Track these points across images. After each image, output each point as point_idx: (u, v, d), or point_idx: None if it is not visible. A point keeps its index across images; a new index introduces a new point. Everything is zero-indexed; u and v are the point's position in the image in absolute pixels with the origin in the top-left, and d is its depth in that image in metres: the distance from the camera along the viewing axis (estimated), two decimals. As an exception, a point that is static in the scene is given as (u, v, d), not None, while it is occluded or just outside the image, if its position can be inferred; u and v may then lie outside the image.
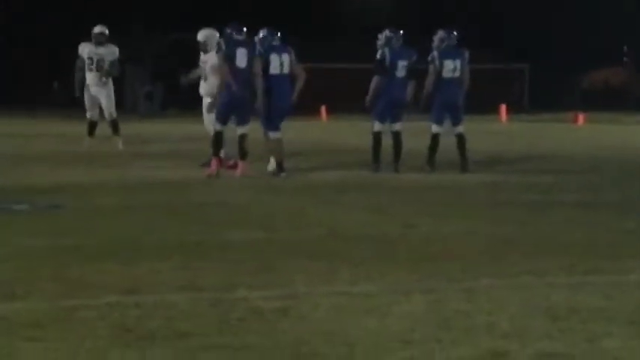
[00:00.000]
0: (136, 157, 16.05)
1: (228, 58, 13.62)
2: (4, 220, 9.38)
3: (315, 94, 37.65)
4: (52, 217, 9.67)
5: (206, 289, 6.32)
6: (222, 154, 13.84)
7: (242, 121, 13.77)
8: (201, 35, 14.87)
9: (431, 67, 14.64)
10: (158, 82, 39.71)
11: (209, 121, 14.42)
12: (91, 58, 17.75)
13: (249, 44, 13.90)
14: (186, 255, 7.43)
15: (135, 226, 8.98)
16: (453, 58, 14.69)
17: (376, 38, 14.78)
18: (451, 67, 14.62)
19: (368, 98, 14.56)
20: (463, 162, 14.47)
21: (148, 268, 6.95)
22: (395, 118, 14.61)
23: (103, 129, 18.23)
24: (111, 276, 6.67)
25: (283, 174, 13.58)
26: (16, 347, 4.99)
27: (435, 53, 14.65)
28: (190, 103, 22.30)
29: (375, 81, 14.47)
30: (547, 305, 5.94)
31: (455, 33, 14.90)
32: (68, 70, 20.39)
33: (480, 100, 35.25)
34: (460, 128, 14.69)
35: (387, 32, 14.75)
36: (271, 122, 13.98)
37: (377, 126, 14.62)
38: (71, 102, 22.25)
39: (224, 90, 13.61)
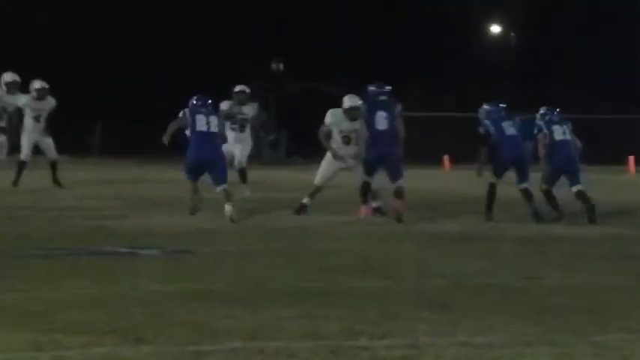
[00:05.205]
0: (260, 203, 16.25)
1: (369, 121, 14.35)
2: (134, 265, 9.61)
3: (438, 143, 37.63)
4: (181, 263, 9.87)
5: (328, 337, 6.37)
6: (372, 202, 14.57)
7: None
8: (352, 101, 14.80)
9: (540, 136, 14.77)
10: (283, 129, 40.02)
11: (321, 173, 14.94)
12: (234, 117, 18.02)
13: (389, 104, 14.53)
14: (308, 302, 7.50)
15: (259, 272, 9.10)
16: (560, 124, 14.89)
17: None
18: (560, 132, 14.77)
19: (477, 168, 14.93)
20: (590, 212, 14.34)
21: (271, 314, 7.04)
22: (522, 179, 14.63)
23: (230, 175, 18.48)
24: (236, 321, 6.78)
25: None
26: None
27: (541, 123, 14.87)
28: (314, 153, 22.43)
29: (482, 152, 14.79)
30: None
31: (557, 110, 15.08)
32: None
33: (608, 151, 34.72)
34: (579, 186, 14.62)
35: (485, 106, 15.17)
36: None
37: (493, 179, 14.72)
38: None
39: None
